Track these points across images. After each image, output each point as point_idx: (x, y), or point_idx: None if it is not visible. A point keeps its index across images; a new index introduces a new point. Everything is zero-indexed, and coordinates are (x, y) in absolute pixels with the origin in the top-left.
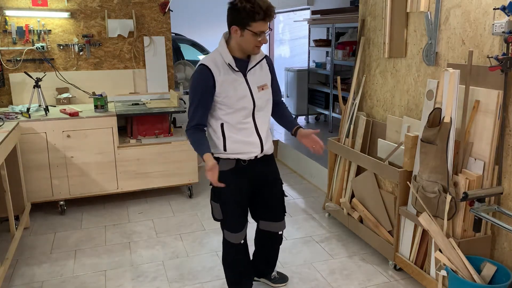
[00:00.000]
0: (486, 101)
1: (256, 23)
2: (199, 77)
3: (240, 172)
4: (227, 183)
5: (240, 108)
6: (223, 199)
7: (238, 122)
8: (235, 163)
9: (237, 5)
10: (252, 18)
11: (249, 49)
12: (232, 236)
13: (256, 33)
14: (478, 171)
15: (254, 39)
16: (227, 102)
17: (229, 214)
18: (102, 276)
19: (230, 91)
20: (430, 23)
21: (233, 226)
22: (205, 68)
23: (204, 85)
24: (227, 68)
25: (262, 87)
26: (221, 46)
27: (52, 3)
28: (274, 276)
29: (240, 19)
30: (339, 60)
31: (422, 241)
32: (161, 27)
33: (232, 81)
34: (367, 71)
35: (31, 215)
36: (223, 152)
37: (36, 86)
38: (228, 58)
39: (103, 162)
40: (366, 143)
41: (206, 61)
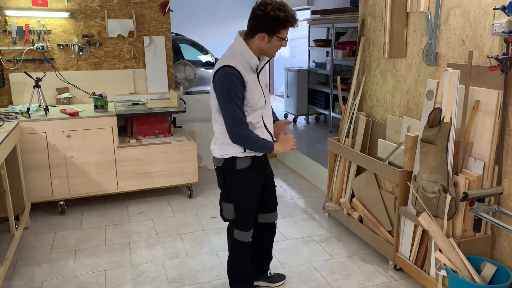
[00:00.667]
0: (486, 101)
1: (284, 30)
2: (234, 79)
3: (255, 169)
4: (244, 182)
5: (259, 107)
6: (239, 198)
7: (255, 122)
8: (251, 161)
9: (269, 13)
10: (284, 25)
11: (272, 53)
12: (244, 234)
13: (283, 38)
14: (478, 171)
15: (280, 44)
16: (252, 102)
17: (243, 213)
18: (102, 276)
19: (254, 91)
20: (430, 23)
21: (245, 224)
22: (235, 70)
23: (239, 86)
24: (249, 69)
25: (267, 84)
26: (243, 49)
27: (52, 3)
28: (271, 275)
29: (271, 26)
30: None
31: (422, 241)
32: (161, 27)
33: (254, 82)
34: (367, 71)
35: (31, 215)
36: (241, 152)
37: (36, 86)
38: (254, 60)
39: (103, 162)
40: (366, 143)
41: (232, 63)
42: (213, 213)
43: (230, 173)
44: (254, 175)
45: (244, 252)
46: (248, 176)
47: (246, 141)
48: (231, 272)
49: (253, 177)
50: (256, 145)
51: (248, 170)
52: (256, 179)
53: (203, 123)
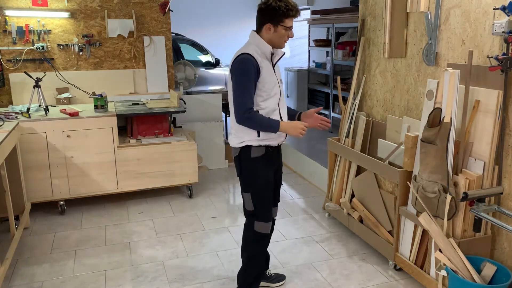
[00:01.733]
0: (486, 101)
1: (288, 19)
2: (248, 64)
3: (269, 158)
4: (259, 171)
5: (274, 94)
6: (256, 187)
7: (271, 109)
8: (264, 150)
9: (271, 5)
10: (286, 15)
11: (280, 42)
12: (264, 226)
13: (288, 27)
14: (478, 171)
15: (285, 33)
16: (266, 87)
17: (261, 202)
18: (102, 276)
19: (268, 77)
20: (430, 23)
21: (265, 214)
22: (250, 57)
23: (252, 69)
24: (264, 57)
25: (281, 80)
26: (257, 41)
27: (52, 3)
28: (270, 275)
29: (275, 17)
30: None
31: (422, 241)
32: (161, 27)
33: (269, 69)
34: (367, 71)
35: (31, 215)
36: (256, 138)
37: (36, 86)
38: (268, 48)
39: (103, 162)
40: (366, 143)
41: (248, 51)
42: (213, 213)
43: (246, 162)
44: (268, 164)
45: (264, 245)
46: (263, 164)
47: (250, 121)
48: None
49: (267, 166)
50: (262, 124)
51: (262, 159)
52: (270, 168)
53: (203, 123)
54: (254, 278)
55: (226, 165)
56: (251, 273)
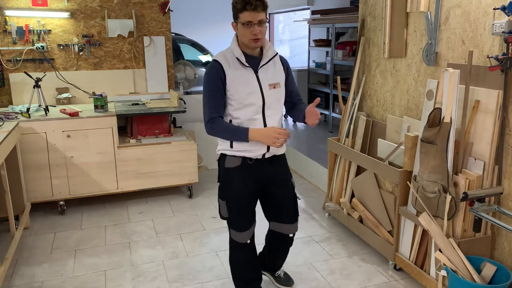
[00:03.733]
0: (486, 101)
1: (242, 14)
2: (211, 71)
3: (246, 170)
4: (233, 181)
5: (248, 103)
6: (229, 197)
7: (246, 118)
8: (241, 161)
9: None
10: (237, 9)
11: (246, 41)
12: (238, 235)
13: (244, 23)
14: (478, 171)
15: (246, 31)
16: (236, 97)
17: (234, 212)
18: (102, 276)
19: (239, 86)
20: (430, 23)
21: (238, 224)
22: (216, 63)
23: (216, 78)
24: (237, 63)
25: (274, 85)
26: (232, 43)
27: (52, 3)
28: (279, 275)
29: (233, 13)
30: (339, 60)
31: (422, 241)
32: (161, 27)
33: (241, 76)
34: (367, 71)
35: (31, 215)
36: (229, 149)
37: (36, 86)
38: (237, 53)
39: (103, 162)
40: (366, 143)
41: (217, 57)
42: (213, 213)
43: (222, 170)
44: (244, 177)
45: (243, 254)
46: (237, 176)
47: (213, 131)
48: (232, 274)
49: (243, 178)
50: (227, 132)
51: (237, 170)
52: (246, 181)
53: (203, 123)
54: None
55: None
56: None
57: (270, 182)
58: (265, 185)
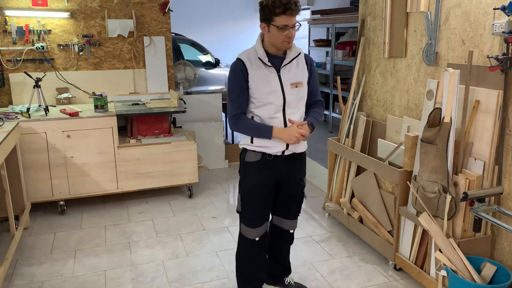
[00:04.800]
0: (486, 101)
1: (278, 17)
2: (235, 69)
3: (265, 166)
4: (250, 175)
5: (268, 102)
6: (245, 191)
7: (267, 117)
8: (260, 156)
9: (262, 3)
10: (273, 12)
11: (278, 44)
12: (249, 231)
13: (279, 27)
14: (478, 171)
15: (280, 34)
16: (257, 95)
17: (248, 207)
18: (102, 276)
19: (261, 85)
20: (430, 23)
21: (250, 219)
22: (239, 61)
23: (240, 76)
24: (259, 63)
25: (296, 85)
26: (256, 43)
27: (52, 3)
28: (289, 283)
29: (265, 15)
30: (339, 60)
31: (422, 241)
32: (161, 27)
33: (263, 76)
34: (367, 71)
35: (31, 215)
36: (249, 144)
37: (36, 86)
38: (260, 53)
39: (103, 162)
40: (366, 143)
41: (241, 55)
42: (213, 213)
43: (242, 164)
44: (262, 172)
45: (250, 251)
46: (256, 170)
47: (237, 127)
48: (236, 268)
49: (261, 173)
50: (249, 130)
51: (256, 165)
52: (264, 176)
53: (203, 123)
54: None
55: (226, 165)
56: (239, 274)
57: (285, 180)
58: (280, 182)
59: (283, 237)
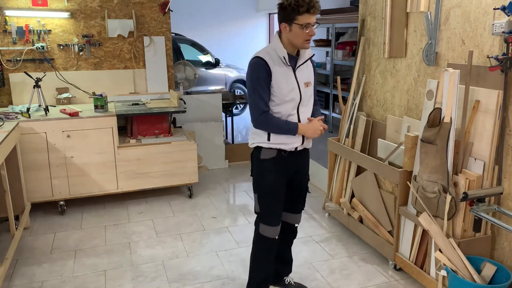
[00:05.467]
0: (486, 101)
1: (301, 16)
2: (257, 67)
3: (280, 162)
4: (267, 172)
5: (289, 99)
6: (262, 189)
7: (285, 114)
8: (276, 153)
9: (283, 3)
10: (297, 11)
11: (299, 43)
12: (269, 229)
13: (302, 25)
14: (478, 171)
15: (302, 32)
16: (278, 93)
17: (267, 206)
18: (102, 276)
19: (283, 83)
20: (430, 23)
21: (269, 217)
22: (261, 60)
23: (264, 74)
24: (280, 61)
25: (307, 84)
26: (275, 43)
27: (52, 3)
28: (289, 283)
29: (287, 15)
30: (339, 60)
31: (422, 241)
32: (161, 27)
33: (284, 74)
34: (367, 71)
35: (31, 215)
36: (266, 141)
37: (36, 86)
38: (282, 52)
39: (103, 162)
40: (366, 143)
41: (261, 54)
42: (213, 213)
43: (257, 163)
44: (278, 168)
45: (269, 250)
46: (272, 167)
47: (266, 124)
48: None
49: (277, 169)
50: (278, 128)
51: (272, 162)
52: (280, 172)
53: (203, 123)
54: (257, 283)
55: (226, 165)
56: (254, 276)
57: (296, 174)
58: (291, 177)
59: (290, 231)
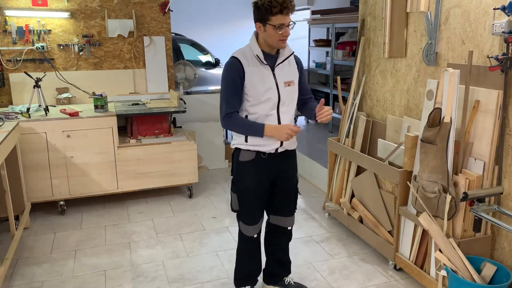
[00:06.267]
0: (486, 101)
1: (275, 17)
2: (230, 68)
3: (259, 164)
4: (246, 174)
5: (265, 100)
6: (241, 190)
7: (262, 114)
8: (255, 155)
9: (257, 3)
10: (270, 12)
11: (274, 43)
12: (246, 228)
13: (276, 26)
14: (478, 171)
15: (276, 33)
16: (253, 93)
17: (245, 206)
18: (102, 276)
19: (257, 82)
20: (430, 23)
21: (248, 217)
22: (235, 59)
23: (235, 74)
24: (255, 60)
25: (289, 83)
26: (251, 41)
27: (52, 3)
28: (289, 283)
29: (261, 15)
30: (339, 60)
31: (422, 241)
32: (161, 27)
33: (259, 73)
34: (367, 71)
35: (31, 215)
36: (244, 143)
37: (36, 86)
38: (256, 51)
39: (103, 162)
40: (366, 143)
41: (236, 54)
42: (213, 213)
43: (236, 164)
44: (257, 170)
45: (250, 247)
46: (251, 169)
47: (229, 126)
48: (237, 266)
49: (256, 172)
50: (242, 129)
51: (251, 164)
52: (260, 175)
53: (203, 123)
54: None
55: (226, 165)
56: (238, 270)
57: (280, 177)
58: (274, 179)
59: (283, 234)
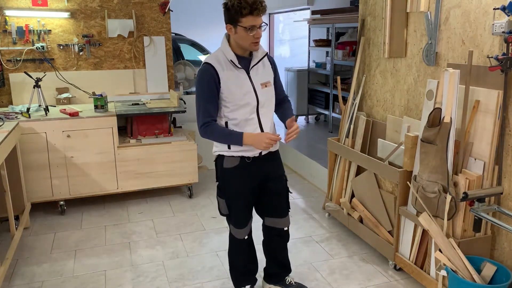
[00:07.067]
0: (486, 101)
1: (245, 18)
2: (204, 75)
3: (244, 169)
4: (232, 180)
5: (244, 104)
6: (229, 196)
7: (242, 119)
8: (239, 161)
9: (227, 4)
10: (240, 13)
11: (246, 45)
12: (237, 231)
13: (247, 27)
14: (478, 171)
15: (247, 35)
16: (231, 98)
17: (234, 210)
18: (102, 276)
19: (234, 87)
20: (430, 23)
21: (237, 221)
22: (208, 66)
23: (210, 81)
24: (230, 65)
25: (266, 84)
26: (223, 45)
27: (52, 3)
28: (290, 283)
29: (231, 16)
30: (339, 60)
31: (422, 241)
32: (161, 27)
33: (235, 77)
34: (367, 71)
35: (31, 215)
36: (227, 150)
37: (36, 86)
38: (230, 55)
39: (103, 162)
40: (366, 143)
41: (209, 59)
42: (213, 213)
43: (220, 171)
44: (243, 175)
45: (240, 248)
46: (236, 175)
47: (208, 135)
48: (229, 264)
49: (242, 177)
50: (221, 138)
51: (236, 170)
52: (245, 179)
53: None
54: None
55: None
56: (232, 270)
57: (267, 178)
58: (262, 182)
59: (280, 236)
